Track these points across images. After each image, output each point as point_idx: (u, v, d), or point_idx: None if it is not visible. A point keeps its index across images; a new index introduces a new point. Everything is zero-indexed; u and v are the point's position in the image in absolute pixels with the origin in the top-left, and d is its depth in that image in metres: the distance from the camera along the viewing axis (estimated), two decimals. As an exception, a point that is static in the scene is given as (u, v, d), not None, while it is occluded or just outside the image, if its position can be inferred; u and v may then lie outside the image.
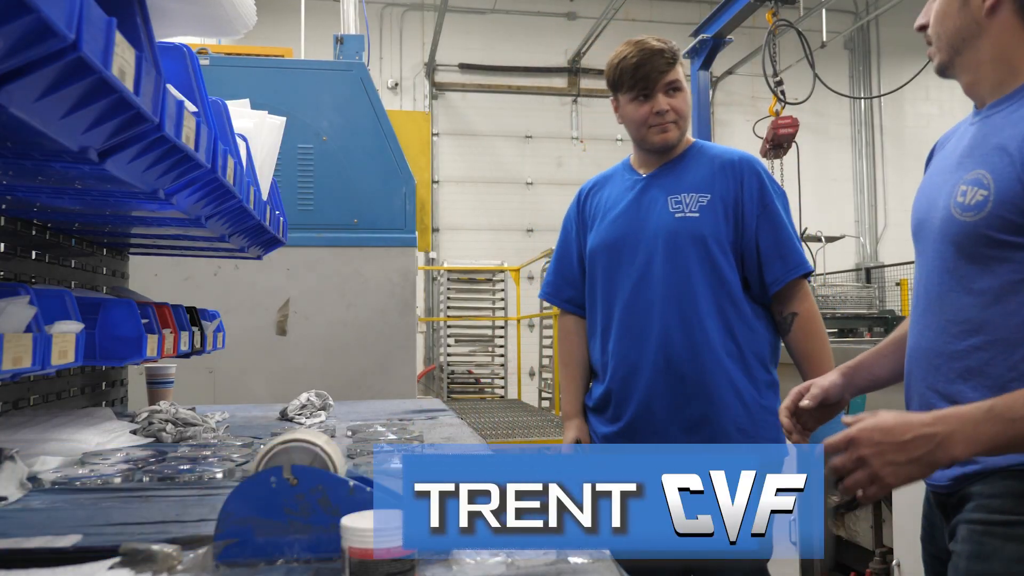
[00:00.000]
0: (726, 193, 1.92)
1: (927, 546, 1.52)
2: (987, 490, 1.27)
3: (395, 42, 10.81)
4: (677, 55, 1.93)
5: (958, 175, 1.33)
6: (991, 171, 1.26)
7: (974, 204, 1.27)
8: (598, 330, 2.01)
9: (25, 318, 1.05)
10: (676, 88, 1.91)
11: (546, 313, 8.43)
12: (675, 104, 1.92)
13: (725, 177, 1.93)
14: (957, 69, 1.34)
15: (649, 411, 1.90)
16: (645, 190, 1.98)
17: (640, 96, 1.92)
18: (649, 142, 1.96)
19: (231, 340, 2.49)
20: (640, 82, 1.90)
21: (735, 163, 1.94)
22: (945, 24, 1.31)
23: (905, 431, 1.17)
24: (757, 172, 1.94)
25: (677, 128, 1.93)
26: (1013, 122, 1.24)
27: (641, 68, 1.89)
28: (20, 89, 0.73)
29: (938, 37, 1.33)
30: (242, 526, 0.91)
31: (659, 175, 1.99)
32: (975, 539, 1.24)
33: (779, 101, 4.51)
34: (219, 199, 1.55)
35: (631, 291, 1.93)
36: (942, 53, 1.34)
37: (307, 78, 3.44)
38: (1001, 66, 1.28)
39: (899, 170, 11.68)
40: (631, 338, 1.92)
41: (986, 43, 1.28)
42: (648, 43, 1.92)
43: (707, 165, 1.96)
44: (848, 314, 5.08)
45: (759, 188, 1.93)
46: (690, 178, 1.95)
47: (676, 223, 1.91)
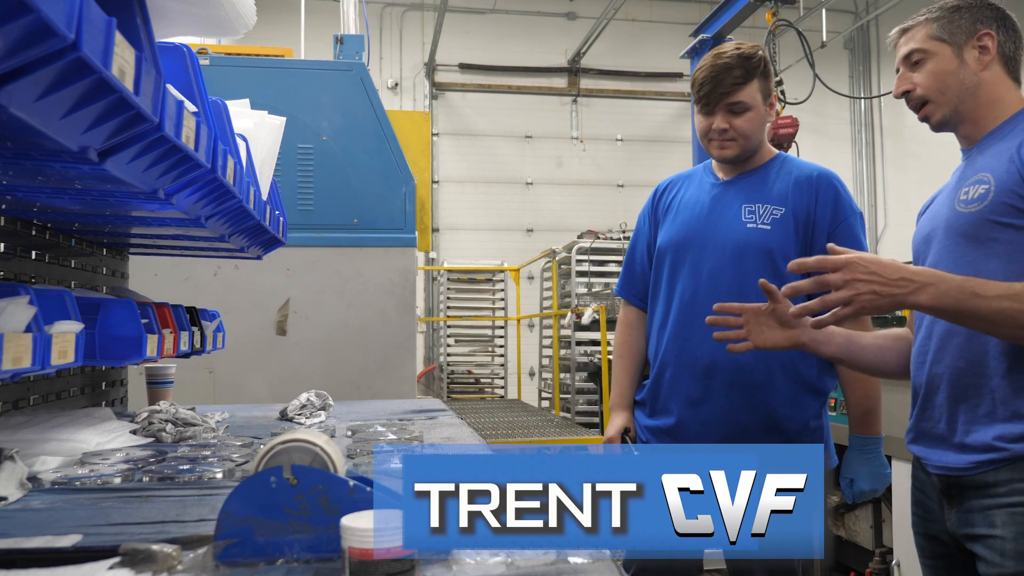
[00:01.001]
0: (799, 208, 1.90)
1: (920, 529, 1.59)
2: (1018, 475, 1.37)
3: (395, 42, 10.80)
4: (752, 72, 1.87)
5: (957, 190, 1.52)
6: (991, 171, 1.45)
7: (977, 197, 1.45)
8: (655, 327, 2.02)
9: (25, 318, 1.05)
10: (741, 109, 1.88)
11: (546, 313, 8.43)
12: (736, 124, 1.88)
13: (801, 191, 1.91)
14: (958, 118, 1.56)
15: (694, 413, 1.90)
16: (721, 195, 1.97)
17: (704, 110, 1.92)
18: (710, 154, 1.98)
19: (231, 340, 2.49)
20: (703, 98, 1.89)
21: (813, 178, 1.92)
22: (948, 82, 1.55)
23: (895, 271, 1.34)
24: (835, 188, 1.92)
25: (737, 146, 1.91)
26: (1010, 139, 1.46)
27: (705, 85, 1.89)
28: (20, 89, 0.73)
29: (940, 94, 1.56)
30: (242, 526, 0.91)
31: (737, 182, 1.98)
32: (1018, 520, 1.35)
33: (779, 101, 4.52)
34: (219, 199, 1.55)
35: (692, 293, 1.92)
36: (945, 108, 1.56)
37: (307, 78, 3.44)
38: (994, 107, 1.54)
39: (899, 170, 11.68)
40: (684, 339, 1.92)
41: (984, 91, 1.54)
42: (724, 57, 1.88)
43: (786, 178, 1.94)
44: (848, 314, 5.09)
45: (834, 204, 1.90)
46: (768, 189, 1.93)
47: (746, 233, 1.90)
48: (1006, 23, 1.56)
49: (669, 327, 1.95)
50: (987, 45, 1.54)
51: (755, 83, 1.88)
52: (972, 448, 1.43)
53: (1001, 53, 1.54)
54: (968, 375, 1.45)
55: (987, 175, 1.46)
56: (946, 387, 1.48)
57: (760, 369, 1.85)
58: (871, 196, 11.79)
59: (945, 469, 1.48)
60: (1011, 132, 1.49)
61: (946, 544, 1.52)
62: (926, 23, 1.58)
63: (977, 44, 1.54)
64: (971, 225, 1.45)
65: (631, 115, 11.14)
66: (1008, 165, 1.42)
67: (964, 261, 1.46)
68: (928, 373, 1.52)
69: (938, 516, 1.52)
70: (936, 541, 1.55)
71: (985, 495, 1.41)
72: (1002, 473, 1.39)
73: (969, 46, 1.54)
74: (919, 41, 1.58)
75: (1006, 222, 1.40)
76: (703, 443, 1.89)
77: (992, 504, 1.39)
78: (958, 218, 1.48)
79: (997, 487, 1.39)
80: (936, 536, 1.54)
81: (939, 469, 1.49)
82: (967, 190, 1.48)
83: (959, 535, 1.47)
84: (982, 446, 1.41)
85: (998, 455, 1.39)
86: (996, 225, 1.41)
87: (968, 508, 1.43)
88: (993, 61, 1.54)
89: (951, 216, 1.50)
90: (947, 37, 1.55)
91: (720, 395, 1.87)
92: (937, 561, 1.57)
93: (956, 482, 1.46)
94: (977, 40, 1.54)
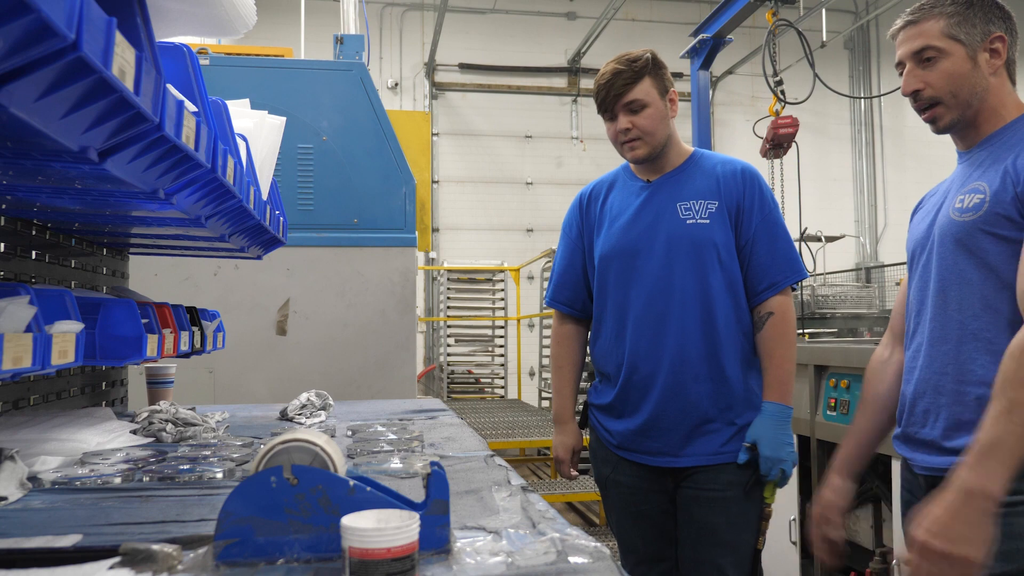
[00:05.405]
0: (730, 200, 1.99)
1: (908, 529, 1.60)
2: None
3: (395, 42, 10.80)
4: (641, 71, 1.96)
5: (954, 195, 1.52)
6: (987, 181, 1.45)
7: (972, 206, 1.45)
8: (611, 334, 2.05)
9: (25, 318, 1.05)
10: (638, 107, 1.96)
11: (546, 313, 8.42)
12: (637, 122, 1.97)
13: (729, 186, 2.00)
14: (964, 123, 1.54)
15: (664, 411, 1.97)
16: (652, 196, 2.03)
17: (606, 116, 2.02)
18: (625, 158, 2.05)
19: (231, 340, 2.49)
20: (602, 104, 2.01)
21: (738, 173, 2.02)
22: (961, 84, 1.51)
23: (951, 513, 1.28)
24: (758, 182, 2.03)
25: (646, 144, 1.99)
26: (1008, 147, 1.46)
27: (600, 92, 2.00)
28: (20, 89, 0.73)
29: (953, 97, 1.52)
30: (242, 526, 0.91)
31: (665, 181, 2.04)
32: (1001, 522, 1.32)
33: (779, 101, 4.51)
34: (219, 199, 1.55)
35: (647, 296, 1.98)
36: (956, 112, 1.53)
37: (307, 78, 3.44)
38: (998, 112, 1.52)
39: (899, 170, 11.69)
40: (649, 340, 1.97)
41: (992, 97, 1.51)
42: (614, 64, 1.99)
43: (710, 173, 2.02)
44: (848, 314, 5.07)
45: (759, 197, 2.00)
46: (696, 185, 2.01)
47: (688, 229, 1.97)
48: (1010, 24, 1.53)
49: (629, 332, 2.00)
50: (998, 49, 1.51)
51: (646, 81, 1.97)
52: (955, 450, 1.44)
53: (1008, 57, 1.52)
54: (954, 383, 1.47)
55: (983, 185, 1.46)
56: (932, 395, 1.51)
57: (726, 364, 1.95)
58: (871, 196, 11.80)
59: (930, 470, 1.51)
60: (1009, 140, 1.49)
61: None
62: (939, 17, 1.52)
63: (989, 47, 1.51)
64: (964, 234, 1.46)
65: (631, 115, 11.13)
66: (1003, 177, 1.42)
67: (955, 269, 1.48)
68: (915, 382, 1.56)
69: None
70: None
71: None
72: None
73: (982, 48, 1.51)
74: (934, 37, 1.52)
75: (1000, 234, 1.41)
76: (674, 435, 1.96)
77: None
78: (952, 226, 1.49)
79: None
80: None
81: (924, 470, 1.52)
82: (963, 198, 1.49)
83: None
84: (965, 447, 1.42)
85: None
86: (987, 235, 1.43)
87: None
88: (1000, 68, 1.52)
89: (946, 223, 1.51)
90: (963, 37, 1.50)
91: (689, 386, 1.95)
92: None
93: (941, 483, 1.46)
94: (990, 43, 1.51)
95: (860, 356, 2.83)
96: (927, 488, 1.52)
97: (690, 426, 1.95)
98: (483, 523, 1.09)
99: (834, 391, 2.94)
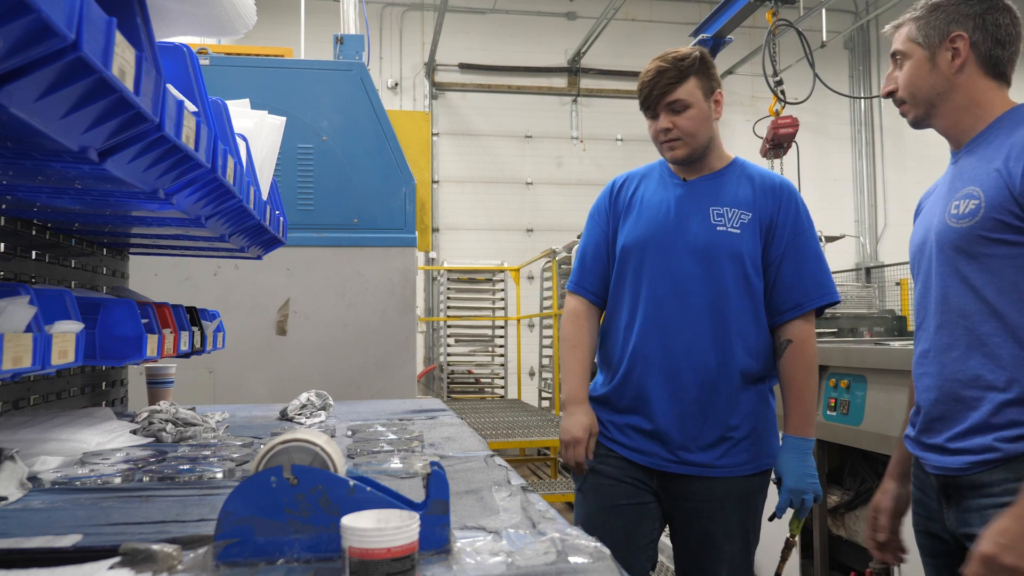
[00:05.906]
0: (764, 214, 1.94)
1: (921, 528, 1.63)
2: (1012, 475, 1.38)
3: (395, 42, 10.81)
4: (687, 71, 1.91)
5: (948, 200, 1.53)
6: (980, 185, 1.46)
7: (968, 212, 1.46)
8: (621, 325, 2.00)
9: (25, 318, 1.05)
10: (681, 107, 1.91)
11: (546, 313, 8.42)
12: (678, 122, 1.92)
13: (767, 198, 1.95)
14: (933, 120, 1.59)
15: (664, 413, 1.92)
16: (686, 195, 1.98)
17: (648, 114, 1.98)
18: (664, 157, 2.01)
19: (231, 340, 2.49)
20: (644, 102, 1.96)
21: (776, 187, 1.97)
22: (919, 86, 1.57)
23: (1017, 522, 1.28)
24: (796, 200, 1.98)
25: (685, 145, 1.94)
26: (995, 148, 1.46)
27: (643, 90, 1.95)
28: (20, 89, 0.73)
29: (913, 97, 1.59)
30: (242, 526, 0.91)
31: (702, 183, 1.99)
32: None
33: (779, 101, 4.50)
34: (219, 199, 1.55)
35: (662, 292, 1.93)
36: (917, 109, 1.59)
37: (307, 78, 3.44)
38: (972, 111, 1.54)
39: (899, 170, 11.69)
40: (654, 338, 1.93)
41: (958, 95, 1.54)
42: (659, 62, 1.94)
43: (748, 184, 1.98)
44: (848, 314, 5.07)
45: (795, 216, 1.95)
46: (733, 193, 1.96)
47: (716, 236, 1.92)
48: (984, 21, 1.52)
49: (638, 325, 1.95)
50: (959, 48, 1.52)
51: (692, 81, 1.92)
52: (967, 450, 1.45)
53: (977, 54, 1.52)
54: (964, 389, 1.48)
55: (976, 190, 1.46)
56: (945, 402, 1.51)
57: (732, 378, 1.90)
58: (871, 196, 11.80)
59: (942, 469, 1.50)
60: (995, 139, 1.49)
61: (947, 542, 1.55)
62: (908, 22, 1.59)
63: (950, 46, 1.53)
64: (963, 240, 1.46)
65: (631, 115, 11.12)
66: (996, 179, 1.42)
67: (958, 275, 1.48)
68: (926, 389, 1.57)
69: (938, 515, 1.55)
70: (937, 539, 1.57)
71: (981, 495, 1.43)
72: (996, 473, 1.41)
73: (943, 48, 1.54)
74: (899, 42, 1.60)
75: (998, 238, 1.42)
76: (672, 437, 1.91)
77: (988, 504, 1.41)
78: (950, 233, 1.49)
79: (992, 487, 1.41)
80: (937, 535, 1.57)
81: (937, 469, 1.52)
82: (958, 203, 1.49)
83: (958, 534, 1.48)
84: (978, 447, 1.43)
85: (992, 455, 1.41)
86: (988, 241, 1.43)
87: (965, 508, 1.46)
88: (967, 63, 1.52)
89: (943, 230, 1.52)
90: (921, 40, 1.56)
91: (690, 392, 1.90)
92: (938, 559, 1.59)
93: (953, 482, 1.48)
94: (950, 42, 1.53)
95: (860, 356, 2.83)
96: (939, 487, 1.53)
97: (688, 435, 1.90)
98: (483, 523, 1.09)
99: (834, 391, 2.94)
